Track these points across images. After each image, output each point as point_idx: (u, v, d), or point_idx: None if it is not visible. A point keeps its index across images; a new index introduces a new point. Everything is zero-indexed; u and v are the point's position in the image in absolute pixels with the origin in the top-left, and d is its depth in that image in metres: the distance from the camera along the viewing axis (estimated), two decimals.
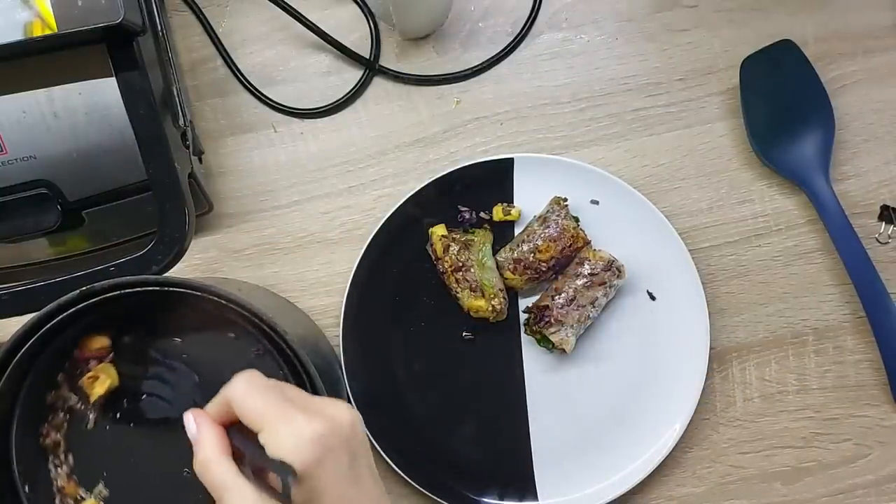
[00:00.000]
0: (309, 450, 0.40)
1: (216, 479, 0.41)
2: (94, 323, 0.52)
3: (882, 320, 0.64)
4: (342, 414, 0.43)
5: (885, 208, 0.67)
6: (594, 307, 0.63)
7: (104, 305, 0.50)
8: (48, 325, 0.49)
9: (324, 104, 0.70)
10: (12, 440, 0.51)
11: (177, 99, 0.60)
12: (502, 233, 0.67)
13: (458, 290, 0.64)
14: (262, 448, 0.41)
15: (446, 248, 0.64)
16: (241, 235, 0.68)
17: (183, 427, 0.44)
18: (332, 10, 0.70)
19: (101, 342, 0.52)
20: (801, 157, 0.67)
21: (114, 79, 0.54)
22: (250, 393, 0.42)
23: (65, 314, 0.49)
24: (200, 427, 0.43)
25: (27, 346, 0.49)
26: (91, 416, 0.52)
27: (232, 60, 0.70)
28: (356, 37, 0.70)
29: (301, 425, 0.41)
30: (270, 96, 0.70)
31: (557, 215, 0.64)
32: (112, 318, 0.52)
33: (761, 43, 0.68)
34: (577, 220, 0.65)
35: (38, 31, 0.49)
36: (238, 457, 0.43)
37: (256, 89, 0.70)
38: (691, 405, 0.63)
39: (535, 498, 0.64)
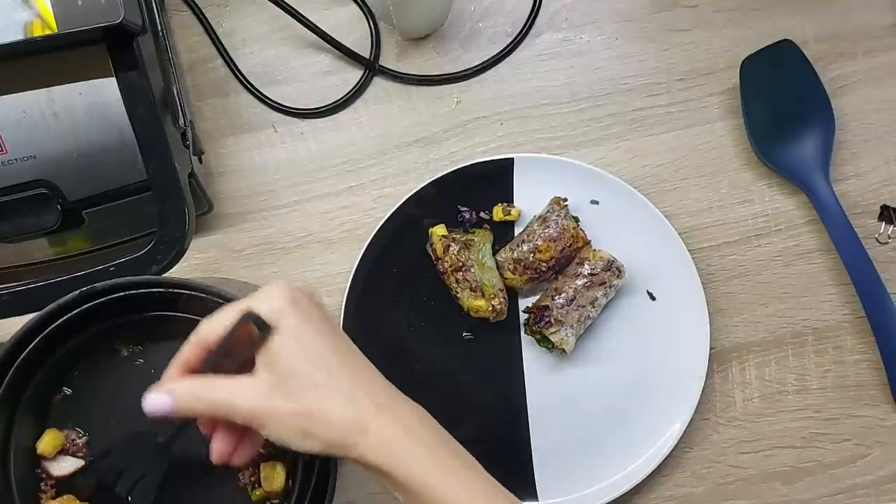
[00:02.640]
0: (275, 296, 0.43)
1: (214, 398, 0.42)
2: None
3: (882, 320, 0.64)
4: (299, 284, 0.45)
5: (885, 208, 0.67)
6: (594, 307, 0.63)
7: (104, 306, 0.50)
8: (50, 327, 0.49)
9: (324, 104, 0.70)
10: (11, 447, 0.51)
11: (177, 99, 0.60)
12: (502, 233, 0.67)
13: (458, 290, 0.64)
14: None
15: (446, 248, 0.64)
16: (241, 235, 0.68)
17: None
18: (332, 10, 0.70)
19: (72, 464, 0.52)
20: (801, 157, 0.67)
21: (114, 79, 0.54)
22: (213, 315, 0.44)
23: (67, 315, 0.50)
24: (173, 389, 0.43)
25: (29, 346, 0.49)
26: None
27: (232, 60, 0.70)
28: (356, 37, 0.70)
29: (263, 290, 0.43)
30: (270, 96, 0.70)
31: (557, 215, 0.64)
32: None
33: (761, 43, 0.68)
34: (577, 220, 0.65)
35: (38, 31, 0.49)
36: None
37: (256, 89, 0.70)
38: (691, 405, 0.63)
39: (536, 498, 0.64)
